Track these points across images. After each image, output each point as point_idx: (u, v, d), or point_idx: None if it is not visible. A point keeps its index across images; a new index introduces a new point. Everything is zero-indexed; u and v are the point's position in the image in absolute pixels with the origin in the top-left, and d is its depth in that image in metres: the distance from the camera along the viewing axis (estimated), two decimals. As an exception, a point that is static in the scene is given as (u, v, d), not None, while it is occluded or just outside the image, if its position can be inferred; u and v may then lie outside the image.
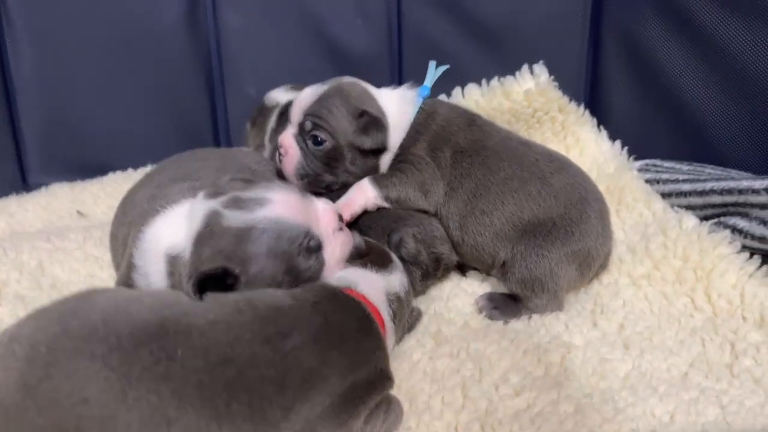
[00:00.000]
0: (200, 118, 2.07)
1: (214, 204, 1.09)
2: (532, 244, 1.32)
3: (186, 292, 1.05)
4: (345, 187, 1.44)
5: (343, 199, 1.41)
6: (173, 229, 1.14)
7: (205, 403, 0.85)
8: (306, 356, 0.96)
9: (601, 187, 1.61)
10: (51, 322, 0.93)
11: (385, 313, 1.12)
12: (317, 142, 1.40)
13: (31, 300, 1.34)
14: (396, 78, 1.99)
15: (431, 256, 1.37)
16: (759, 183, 1.31)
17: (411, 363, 1.18)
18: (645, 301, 1.34)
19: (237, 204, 1.08)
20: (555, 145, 1.68)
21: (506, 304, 1.35)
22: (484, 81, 1.79)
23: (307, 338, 0.98)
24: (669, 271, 1.36)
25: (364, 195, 1.40)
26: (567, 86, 1.77)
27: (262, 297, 1.03)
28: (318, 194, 1.30)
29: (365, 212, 1.41)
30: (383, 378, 1.02)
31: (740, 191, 1.33)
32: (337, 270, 1.14)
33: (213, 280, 1.05)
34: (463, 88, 1.86)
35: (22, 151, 2.01)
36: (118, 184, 1.85)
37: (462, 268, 1.48)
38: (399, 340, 1.21)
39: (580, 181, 1.40)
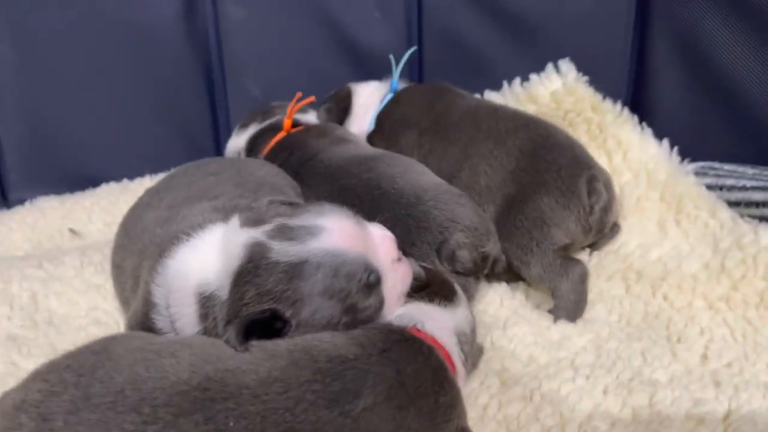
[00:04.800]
0: (199, 122, 1.88)
1: (257, 234, 0.91)
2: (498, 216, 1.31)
3: (225, 340, 0.88)
4: None
5: None
6: (204, 262, 0.96)
7: None
8: (380, 420, 0.81)
9: (655, 196, 1.48)
10: (65, 385, 0.77)
11: (457, 358, 0.96)
12: None
13: (26, 340, 1.15)
14: (416, 74, 1.83)
15: (480, 256, 1.23)
16: None
17: (479, 409, 1.03)
18: (725, 327, 1.20)
19: (285, 234, 0.91)
20: (593, 151, 1.51)
21: None
22: (506, 84, 1.63)
23: (381, 397, 0.82)
24: (751, 292, 1.23)
25: None
26: (607, 82, 1.61)
27: (320, 345, 0.86)
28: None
29: (402, 229, 1.23)
30: (465, 438, 0.87)
31: (829, 202, 1.20)
32: (397, 307, 0.98)
33: (258, 326, 0.87)
34: (482, 93, 1.70)
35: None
36: (114, 197, 1.65)
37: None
38: (463, 382, 1.06)
39: (539, 133, 1.38)
